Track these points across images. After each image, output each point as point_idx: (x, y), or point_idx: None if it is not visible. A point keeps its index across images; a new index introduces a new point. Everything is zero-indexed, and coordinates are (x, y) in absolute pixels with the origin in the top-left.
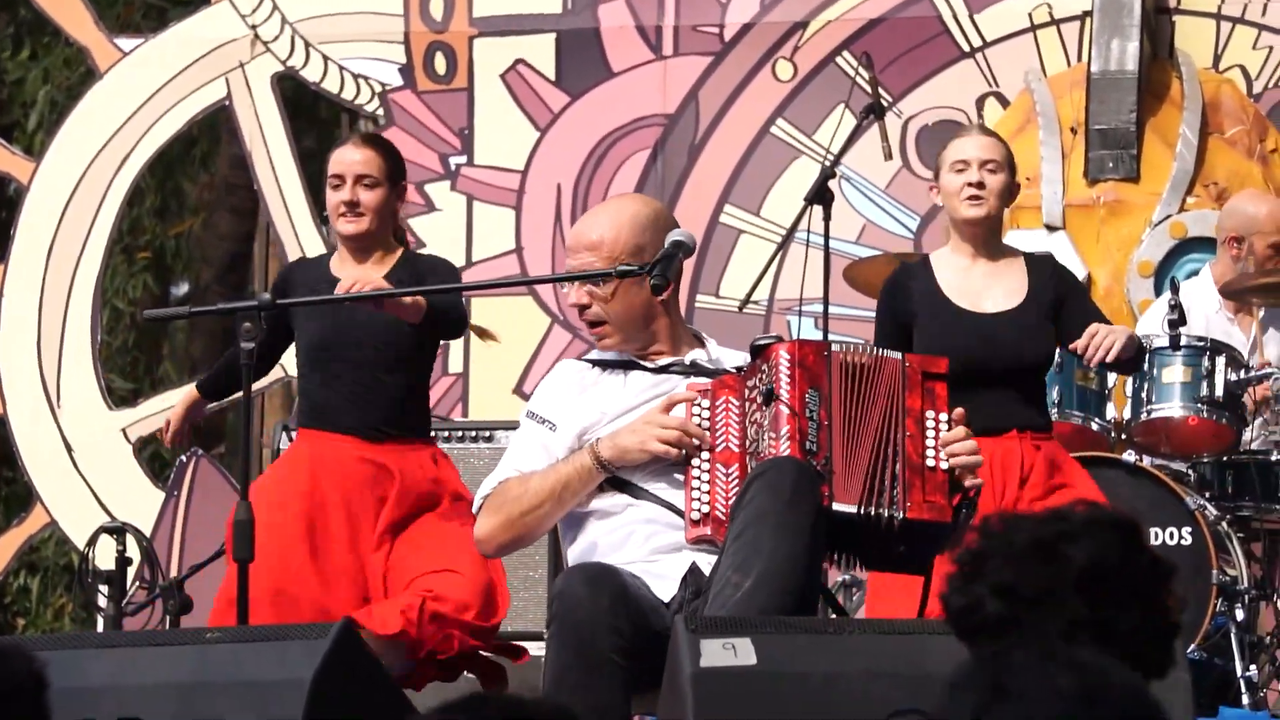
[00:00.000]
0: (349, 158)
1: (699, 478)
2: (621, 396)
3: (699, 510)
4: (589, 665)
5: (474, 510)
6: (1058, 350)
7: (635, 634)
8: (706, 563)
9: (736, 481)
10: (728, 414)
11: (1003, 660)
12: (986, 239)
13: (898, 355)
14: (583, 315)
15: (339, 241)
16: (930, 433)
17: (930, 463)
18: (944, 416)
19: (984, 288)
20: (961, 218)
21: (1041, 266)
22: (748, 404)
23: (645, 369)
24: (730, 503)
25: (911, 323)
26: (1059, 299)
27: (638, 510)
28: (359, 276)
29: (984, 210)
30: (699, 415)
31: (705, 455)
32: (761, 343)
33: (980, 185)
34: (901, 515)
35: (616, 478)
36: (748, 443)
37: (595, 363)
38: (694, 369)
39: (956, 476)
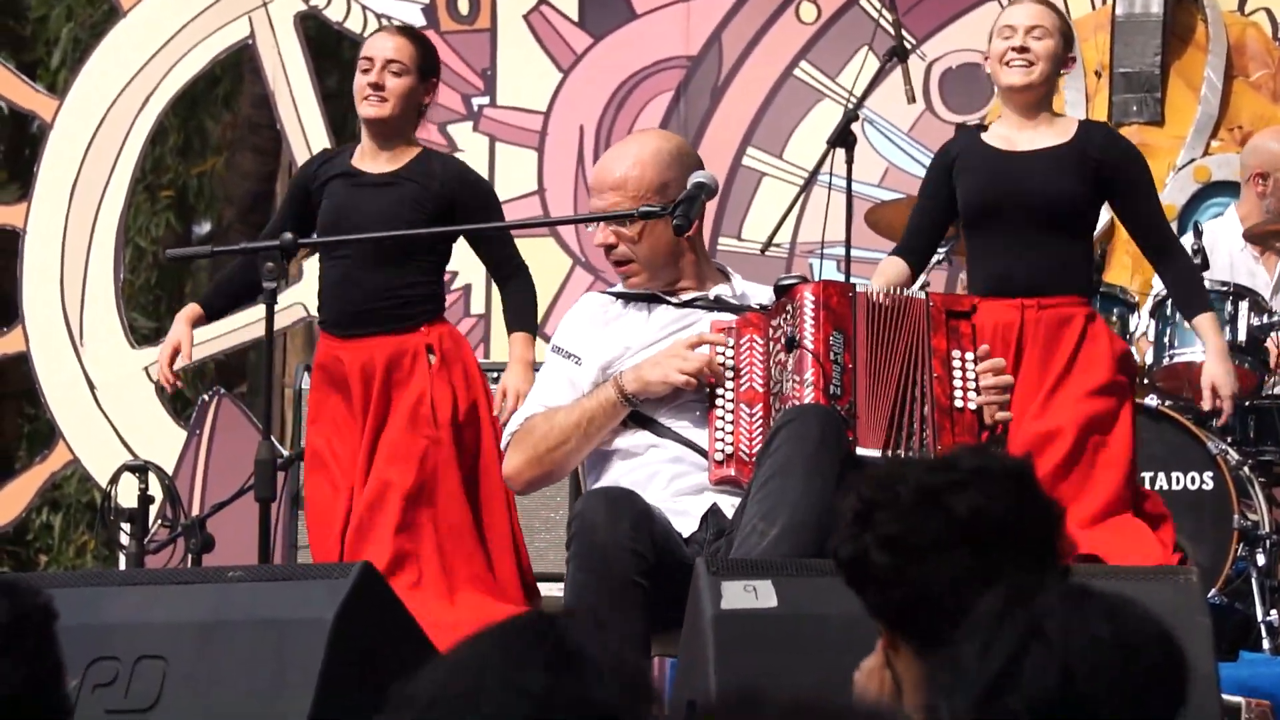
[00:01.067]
0: (381, 43)
1: (722, 417)
2: (645, 330)
3: (722, 451)
4: (609, 587)
5: (501, 447)
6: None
7: (657, 557)
8: (728, 504)
9: (760, 421)
10: (752, 352)
11: (1038, 601)
12: (1035, 106)
13: (921, 295)
14: (609, 255)
15: (362, 129)
16: (957, 373)
17: (959, 404)
18: (970, 355)
19: (1027, 137)
20: (1006, 83)
21: (1096, 128)
22: (772, 343)
23: (669, 303)
24: (754, 443)
25: (953, 169)
26: (1107, 167)
27: (661, 450)
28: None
29: (1029, 77)
30: (723, 353)
31: (729, 394)
32: (786, 282)
33: (1024, 50)
34: (933, 458)
35: (640, 415)
36: (771, 383)
37: (619, 295)
38: (718, 304)
39: (985, 414)
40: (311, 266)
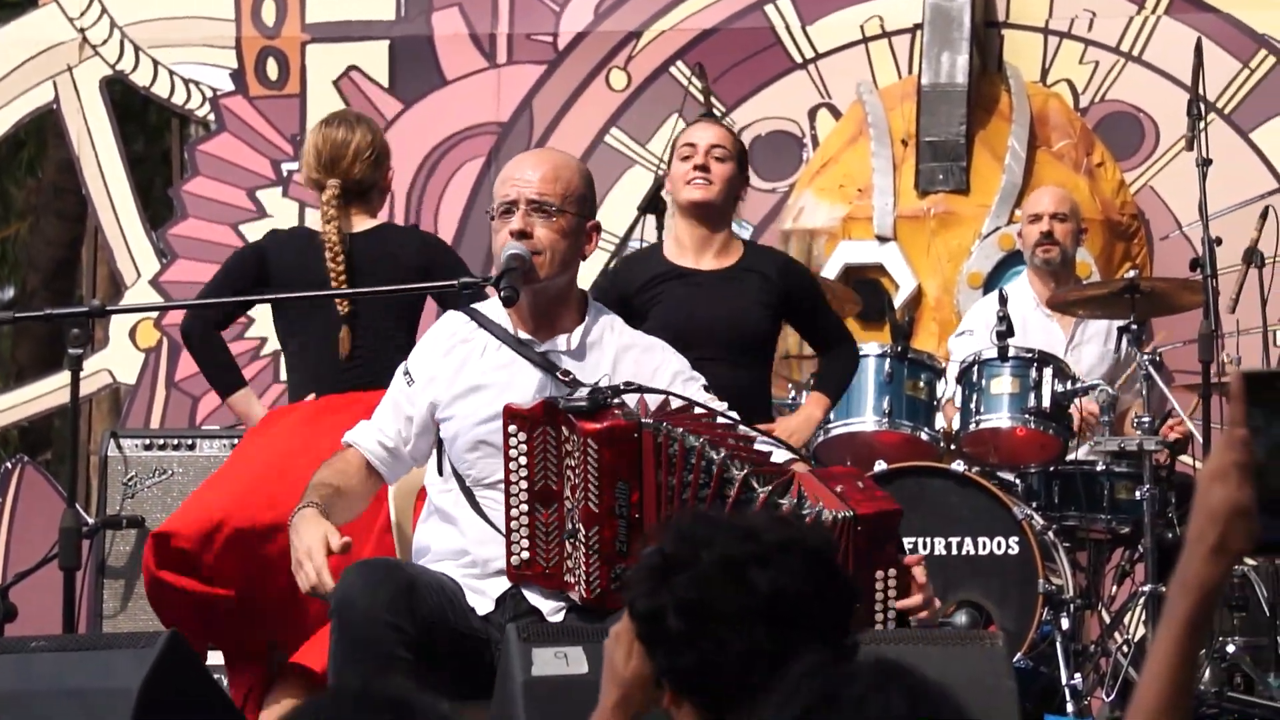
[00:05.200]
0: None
1: (517, 518)
2: (473, 370)
3: (519, 556)
4: (369, 660)
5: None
6: (887, 360)
7: (421, 630)
8: (529, 592)
9: (556, 526)
10: (545, 449)
11: (842, 670)
12: None
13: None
14: (520, 240)
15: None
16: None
17: None
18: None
19: None
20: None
21: None
22: (564, 450)
23: (507, 344)
24: (550, 552)
25: None
26: None
27: (472, 528)
28: None
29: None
30: (516, 444)
31: (523, 489)
32: (575, 405)
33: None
34: (736, 522)
35: (461, 481)
36: (564, 494)
37: (477, 320)
38: (543, 362)
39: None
40: (116, 333)
